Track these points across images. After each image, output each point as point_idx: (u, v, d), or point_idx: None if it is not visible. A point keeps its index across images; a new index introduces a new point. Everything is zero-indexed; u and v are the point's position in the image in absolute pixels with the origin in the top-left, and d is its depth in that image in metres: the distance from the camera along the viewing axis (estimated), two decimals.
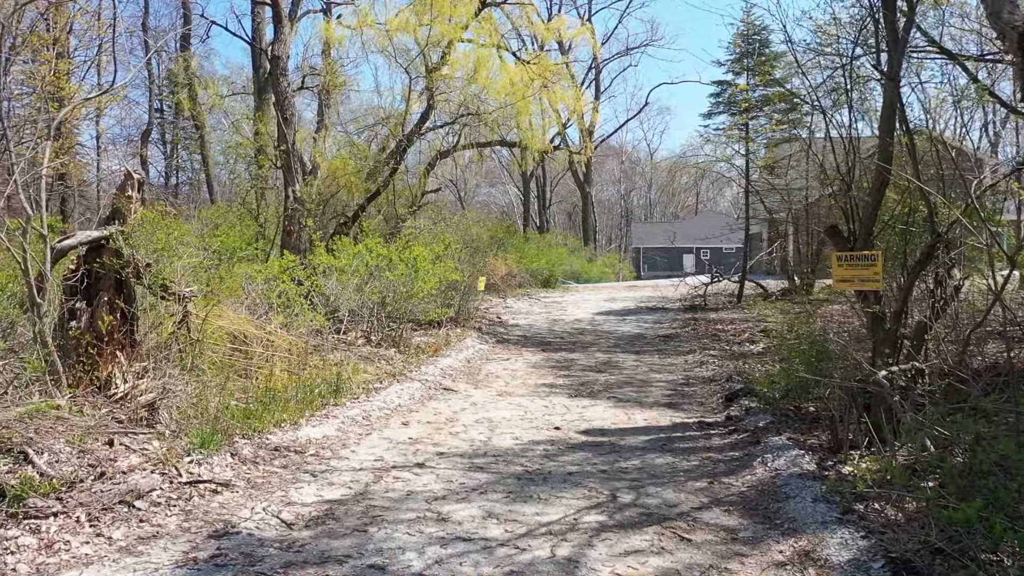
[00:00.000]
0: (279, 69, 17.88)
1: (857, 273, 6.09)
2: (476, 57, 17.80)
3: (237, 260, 11.18)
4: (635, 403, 8.61)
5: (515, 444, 6.63)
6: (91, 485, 4.62)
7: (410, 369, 10.33)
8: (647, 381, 10.23)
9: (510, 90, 19.02)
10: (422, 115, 18.53)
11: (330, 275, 12.93)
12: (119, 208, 7.42)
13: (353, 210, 17.53)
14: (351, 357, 10.62)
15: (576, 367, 11.58)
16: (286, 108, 17.80)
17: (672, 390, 9.51)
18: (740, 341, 13.99)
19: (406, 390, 8.89)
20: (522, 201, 53.81)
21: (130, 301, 7.29)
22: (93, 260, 7.17)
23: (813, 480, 5.10)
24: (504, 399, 8.82)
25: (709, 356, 12.44)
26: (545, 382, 10.12)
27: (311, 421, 7.07)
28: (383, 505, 4.89)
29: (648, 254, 72.91)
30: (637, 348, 14.05)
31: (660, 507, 4.90)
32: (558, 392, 9.33)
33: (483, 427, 7.28)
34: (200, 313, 8.57)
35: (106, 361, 7.04)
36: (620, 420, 7.66)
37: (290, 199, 17.02)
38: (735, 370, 10.56)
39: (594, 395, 9.11)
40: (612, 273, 48.27)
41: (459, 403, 8.55)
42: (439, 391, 9.24)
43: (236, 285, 9.02)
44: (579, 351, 13.62)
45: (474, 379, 10.32)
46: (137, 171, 7.62)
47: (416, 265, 12.22)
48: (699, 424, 7.42)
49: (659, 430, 7.22)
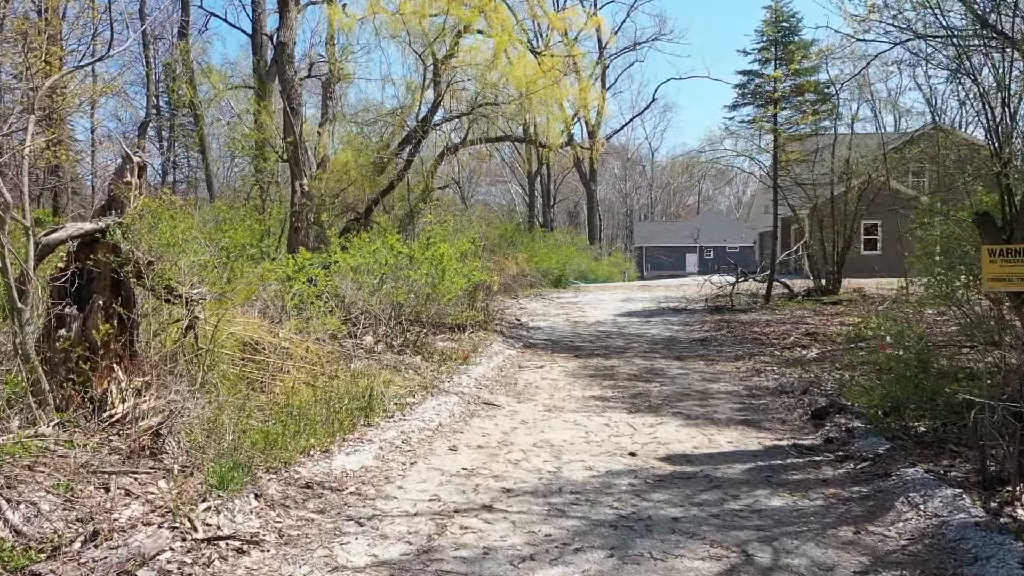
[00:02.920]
0: (285, 56, 16.78)
1: (1018, 271, 5.00)
2: (495, 44, 16.70)
3: (248, 258, 10.08)
4: (706, 420, 7.53)
5: (591, 476, 5.55)
6: (80, 550, 3.53)
7: (441, 379, 9.25)
8: (706, 392, 9.16)
9: (525, 80, 17.93)
10: (434, 103, 17.45)
11: (346, 275, 11.85)
12: (117, 196, 6.32)
13: (366, 205, 16.45)
14: (374, 366, 9.54)
15: (620, 376, 10.50)
16: (293, 97, 16.70)
17: (739, 403, 8.43)
18: (788, 346, 12.92)
19: (444, 406, 7.80)
20: (527, 199, 52.72)
21: (129, 305, 6.20)
22: (86, 257, 6.08)
23: (999, 533, 4.03)
24: (556, 416, 7.74)
25: (761, 363, 11.39)
26: (593, 394, 9.04)
27: (344, 447, 5.98)
28: (459, 572, 3.81)
29: (651, 253, 72.00)
30: (676, 353, 12.98)
31: (815, 573, 3.82)
32: (613, 406, 8.25)
33: (545, 453, 6.20)
34: (211, 318, 7.49)
35: (101, 376, 5.95)
36: (700, 443, 6.58)
37: (297, 194, 15.93)
38: (803, 379, 9.51)
39: (655, 410, 8.03)
40: (619, 272, 47.29)
41: (506, 421, 7.46)
42: (480, 406, 8.15)
43: (252, 287, 7.93)
44: (615, 357, 12.54)
45: (513, 390, 9.24)
46: (137, 153, 6.51)
47: (443, 264, 11.12)
48: (795, 448, 6.35)
49: (752, 456, 6.14)
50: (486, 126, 20.67)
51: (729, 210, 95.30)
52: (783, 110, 20.63)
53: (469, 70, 16.69)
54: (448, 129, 19.57)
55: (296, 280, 9.46)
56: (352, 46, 17.47)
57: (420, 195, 17.99)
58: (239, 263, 9.80)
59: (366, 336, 12.04)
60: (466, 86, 17.65)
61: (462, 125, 19.62)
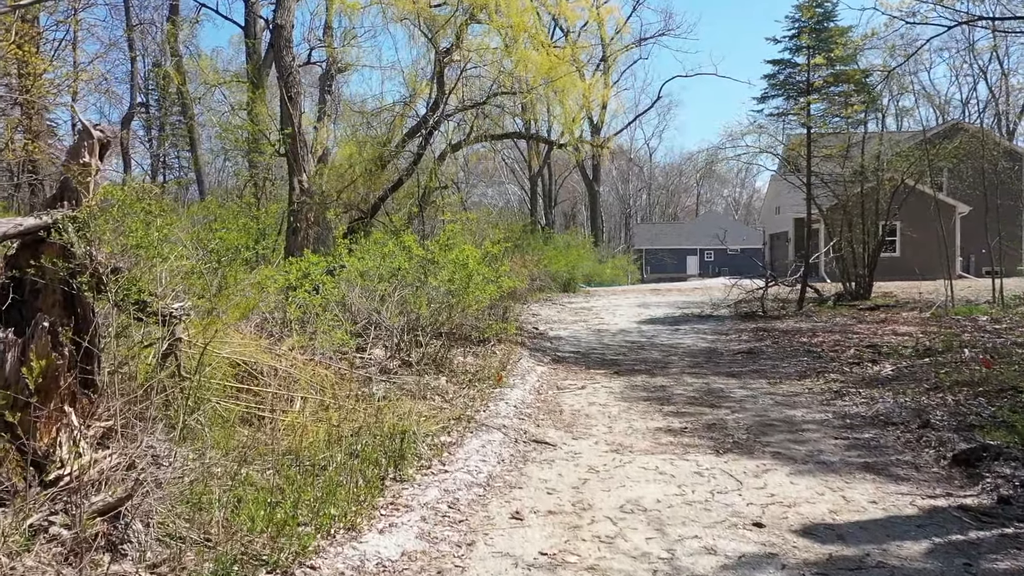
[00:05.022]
0: (283, 40, 15.24)
1: None
2: (514, 25, 15.16)
3: (242, 262, 8.53)
4: (819, 465, 6.01)
5: (721, 567, 4.01)
6: None
7: (475, 407, 7.72)
8: (791, 422, 7.65)
9: (546, 68, 16.42)
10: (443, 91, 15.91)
11: (354, 281, 10.34)
12: (70, 182, 4.78)
13: (372, 203, 14.92)
14: (394, 391, 8.01)
15: (678, 400, 8.99)
16: (291, 85, 15.16)
17: (841, 438, 6.92)
18: (851, 361, 11.43)
19: (488, 447, 6.26)
20: (528, 201, 51.19)
21: (86, 327, 4.66)
22: (27, 263, 4.55)
23: None
24: (628, 459, 6.21)
25: (834, 382, 9.92)
26: (658, 425, 7.52)
27: (374, 519, 4.44)
28: None
29: (652, 255, 70.65)
30: (726, 369, 11.48)
31: None
32: (691, 444, 6.73)
33: (641, 523, 4.66)
34: (197, 338, 5.96)
35: (49, 423, 4.42)
36: (835, 503, 5.06)
37: (296, 191, 14.39)
38: (903, 406, 8.02)
39: (747, 450, 6.51)
40: (623, 275, 46.03)
41: (568, 468, 5.93)
42: (530, 445, 6.61)
43: (251, 300, 6.40)
44: (660, 374, 11.03)
45: (561, 421, 7.71)
46: (98, 126, 4.96)
47: (468, 269, 9.58)
48: (965, 512, 4.84)
49: (917, 527, 4.62)
50: (489, 124, 19.23)
51: (727, 211, 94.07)
52: (817, 102, 19.18)
53: (486, 55, 15.15)
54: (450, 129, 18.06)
55: (302, 288, 7.93)
56: (355, 30, 15.92)
57: (427, 190, 16.47)
58: (232, 268, 8.27)
59: (375, 349, 10.53)
60: (481, 73, 16.14)
61: (465, 123, 18.12)
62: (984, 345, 11.57)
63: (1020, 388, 8.36)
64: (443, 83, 16.05)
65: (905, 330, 15.34)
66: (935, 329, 14.99)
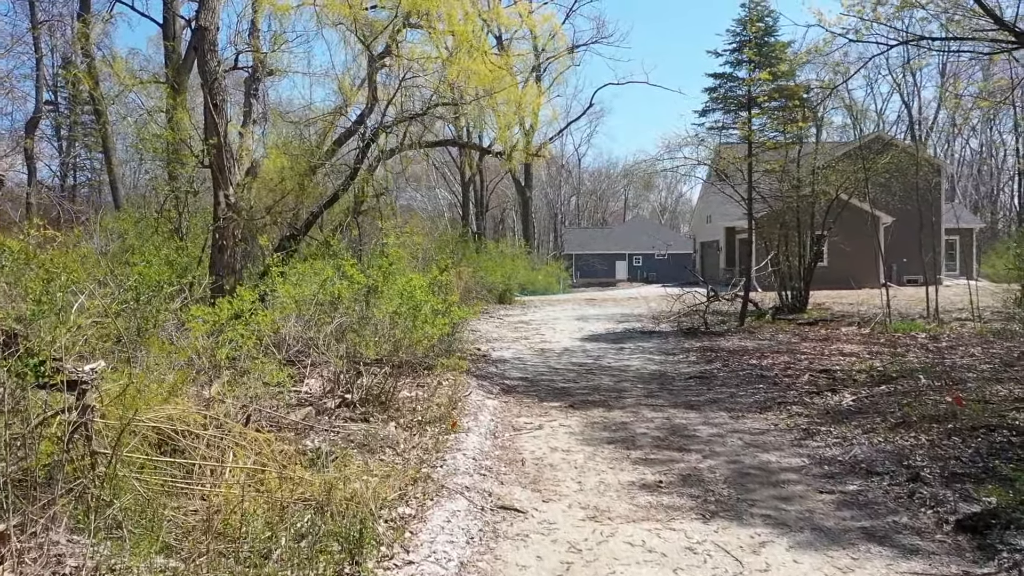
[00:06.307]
0: (207, 43, 14.13)
1: None
2: (457, 34, 14.45)
3: (165, 297, 7.56)
4: (816, 533, 5.51)
5: None
6: None
7: (431, 460, 6.99)
8: (768, 471, 7.18)
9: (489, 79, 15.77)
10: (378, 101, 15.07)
11: (288, 310, 9.49)
12: None
13: (304, 219, 14.00)
14: (338, 442, 7.22)
15: (641, 440, 8.46)
16: (216, 92, 14.04)
17: (826, 492, 6.46)
18: (807, 390, 11.14)
19: (454, 520, 5.54)
20: (460, 207, 50.43)
21: None
22: None
23: None
24: (606, 528, 5.59)
25: (797, 416, 9.59)
26: (630, 478, 6.94)
27: None
28: None
29: (582, 261, 70.71)
30: (683, 398, 11.05)
31: None
32: (672, 505, 6.15)
33: None
34: (112, 404, 5.08)
35: None
36: None
37: (221, 206, 13.31)
38: (880, 451, 7.65)
39: (735, 513, 5.97)
40: (555, 282, 45.78)
41: (546, 547, 5.26)
42: (498, 514, 5.93)
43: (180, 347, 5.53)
44: (615, 406, 10.51)
45: (525, 475, 7.05)
46: None
47: (415, 300, 8.81)
48: None
49: None
50: (423, 130, 18.47)
51: (653, 216, 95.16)
52: (759, 116, 19.08)
53: (427, 64, 14.38)
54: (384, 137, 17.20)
55: (234, 329, 7.05)
56: (286, 35, 14.92)
57: (360, 201, 15.59)
58: (154, 306, 7.32)
59: (310, 379, 9.69)
60: (419, 83, 15.35)
61: (399, 130, 17.32)
62: (934, 370, 11.45)
63: (992, 426, 8.13)
64: (376, 91, 15.22)
65: (850, 349, 15.27)
66: (879, 349, 14.97)
